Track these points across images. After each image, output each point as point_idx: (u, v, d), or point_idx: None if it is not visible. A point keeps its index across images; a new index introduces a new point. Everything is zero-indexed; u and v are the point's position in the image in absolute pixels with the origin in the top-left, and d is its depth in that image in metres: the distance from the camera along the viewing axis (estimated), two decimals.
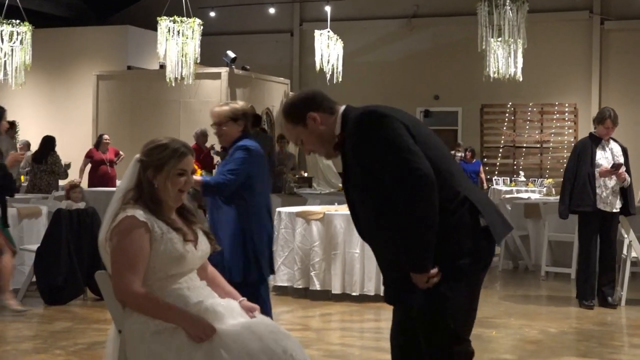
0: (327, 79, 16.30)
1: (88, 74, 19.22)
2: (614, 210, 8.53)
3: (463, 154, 18.11)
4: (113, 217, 3.73)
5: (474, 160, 18.00)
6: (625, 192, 8.56)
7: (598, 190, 8.47)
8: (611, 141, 8.68)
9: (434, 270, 3.48)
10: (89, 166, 15.21)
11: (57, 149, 14.22)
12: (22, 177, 15.61)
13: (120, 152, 15.32)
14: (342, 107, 3.70)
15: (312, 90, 3.78)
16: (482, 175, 18.27)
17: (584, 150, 8.65)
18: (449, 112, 21.68)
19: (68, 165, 14.00)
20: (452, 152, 18.51)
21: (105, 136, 15.54)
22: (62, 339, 6.90)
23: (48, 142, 13.70)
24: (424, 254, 3.44)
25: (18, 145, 16.85)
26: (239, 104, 5.99)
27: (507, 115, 21.03)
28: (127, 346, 3.63)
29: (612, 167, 8.46)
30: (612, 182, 8.50)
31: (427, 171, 3.40)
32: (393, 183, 3.43)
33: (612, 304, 8.57)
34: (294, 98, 3.77)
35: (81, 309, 8.28)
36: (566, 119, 20.65)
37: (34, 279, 8.52)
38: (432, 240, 3.44)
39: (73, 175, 15.36)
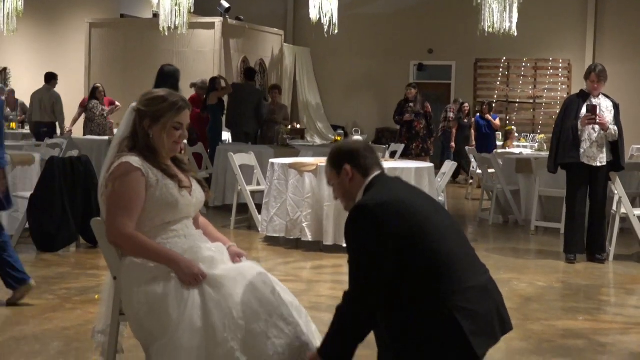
0: (325, 30, 16.20)
1: (80, 22, 19.11)
2: (599, 164, 8.57)
3: (456, 112, 17.90)
4: (109, 165, 3.76)
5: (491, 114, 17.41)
6: (615, 147, 8.60)
7: (582, 143, 8.51)
8: (601, 97, 8.69)
9: None
10: (83, 115, 15.24)
11: None
12: (13, 124, 15.64)
13: (116, 102, 15.31)
14: (373, 175, 3.61)
15: (362, 146, 3.72)
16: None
17: (571, 105, 8.70)
18: (442, 66, 21.65)
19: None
20: (448, 106, 18.48)
21: (98, 85, 15.51)
22: (55, 285, 6.95)
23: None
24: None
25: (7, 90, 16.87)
26: None
27: (500, 70, 21.03)
28: (123, 293, 3.68)
29: (587, 111, 8.48)
30: (595, 134, 8.52)
31: (363, 305, 3.37)
32: (350, 281, 3.45)
33: (601, 259, 8.66)
34: (344, 144, 3.83)
35: (74, 256, 8.34)
36: (560, 74, 20.66)
37: (27, 226, 8.56)
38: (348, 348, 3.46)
39: (66, 123, 15.39)
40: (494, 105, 18.80)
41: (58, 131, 15.01)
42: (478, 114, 17.32)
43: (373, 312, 3.42)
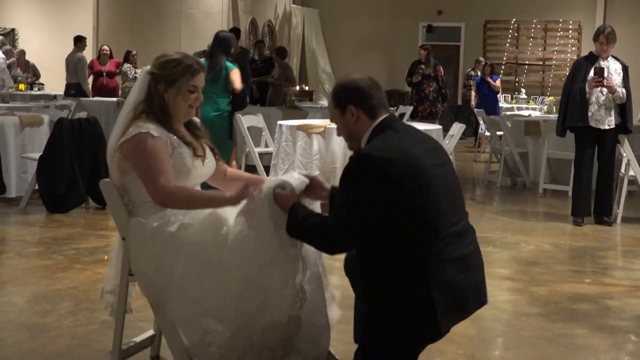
0: None
1: None
2: (607, 127, 8.55)
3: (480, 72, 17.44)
4: (124, 129, 3.74)
5: (493, 76, 16.87)
6: (623, 110, 8.57)
7: (590, 106, 8.49)
8: (610, 59, 8.64)
9: None
10: (91, 77, 15.27)
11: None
12: (22, 86, 15.65)
13: (125, 64, 15.30)
14: (381, 118, 3.46)
15: (368, 83, 3.50)
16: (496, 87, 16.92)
17: (579, 68, 8.66)
18: (451, 28, 21.49)
19: None
20: (468, 72, 18.23)
21: (105, 47, 15.50)
22: (65, 245, 7.00)
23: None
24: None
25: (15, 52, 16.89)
26: None
27: (510, 31, 20.87)
28: (131, 253, 3.71)
29: (594, 73, 8.44)
30: (603, 97, 8.49)
31: (348, 243, 3.35)
32: (334, 215, 3.41)
33: (608, 222, 8.67)
34: (346, 81, 3.55)
35: (83, 217, 8.39)
36: (570, 36, 20.51)
37: (37, 187, 8.60)
38: None
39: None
40: (502, 67, 18.69)
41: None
42: (479, 76, 17.06)
43: (343, 249, 3.41)
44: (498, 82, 16.64)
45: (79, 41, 15.46)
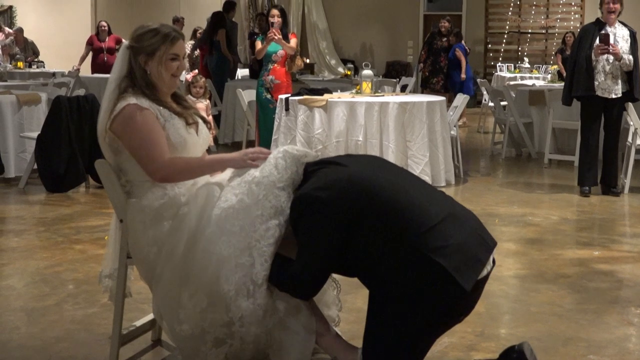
0: None
1: None
2: (614, 96, 8.40)
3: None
4: (111, 106, 3.63)
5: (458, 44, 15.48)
6: (631, 77, 8.42)
7: (596, 75, 8.34)
8: (618, 25, 8.48)
9: None
10: (91, 54, 15.13)
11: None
12: (21, 63, 15.52)
13: (123, 40, 15.16)
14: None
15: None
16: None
17: (586, 35, 8.51)
18: None
19: None
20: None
21: (102, 23, 15.34)
22: (64, 225, 6.91)
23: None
24: None
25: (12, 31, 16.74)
26: None
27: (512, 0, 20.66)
28: (129, 235, 3.61)
29: (600, 40, 8.28)
30: (609, 65, 8.34)
31: (312, 285, 3.38)
32: (296, 266, 3.35)
33: (615, 192, 8.55)
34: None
35: (83, 196, 8.29)
36: (572, 4, 20.30)
37: (36, 166, 8.50)
38: None
39: (73, 61, 15.26)
40: (504, 35, 18.46)
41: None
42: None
43: (314, 293, 3.44)
44: (456, 53, 15.20)
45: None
